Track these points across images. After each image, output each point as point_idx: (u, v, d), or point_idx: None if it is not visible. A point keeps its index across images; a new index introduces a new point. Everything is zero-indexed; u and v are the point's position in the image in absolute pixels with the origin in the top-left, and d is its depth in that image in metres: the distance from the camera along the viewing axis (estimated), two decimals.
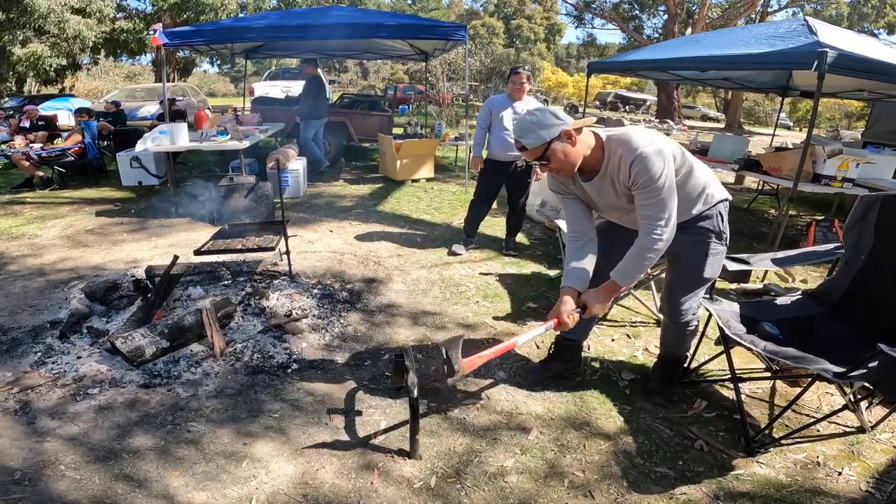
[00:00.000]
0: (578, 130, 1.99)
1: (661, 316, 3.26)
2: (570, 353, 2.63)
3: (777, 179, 5.12)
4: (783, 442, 2.23)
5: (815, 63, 3.70)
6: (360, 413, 2.36)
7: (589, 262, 2.22)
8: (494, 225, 5.27)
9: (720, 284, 3.50)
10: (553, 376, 2.64)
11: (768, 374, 2.61)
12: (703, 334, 2.69)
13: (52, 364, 2.61)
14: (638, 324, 3.33)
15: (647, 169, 1.90)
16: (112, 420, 2.24)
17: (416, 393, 2.05)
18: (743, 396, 2.39)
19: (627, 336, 3.16)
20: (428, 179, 7.60)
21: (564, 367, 2.64)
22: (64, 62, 14.17)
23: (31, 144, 7.06)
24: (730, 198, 2.24)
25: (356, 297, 3.54)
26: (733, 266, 2.48)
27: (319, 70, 8.24)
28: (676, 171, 2.01)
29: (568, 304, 2.15)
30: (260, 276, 3.73)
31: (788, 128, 27.48)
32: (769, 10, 22.51)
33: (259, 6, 16.13)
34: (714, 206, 2.18)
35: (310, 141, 7.42)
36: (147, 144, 5.26)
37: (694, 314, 2.35)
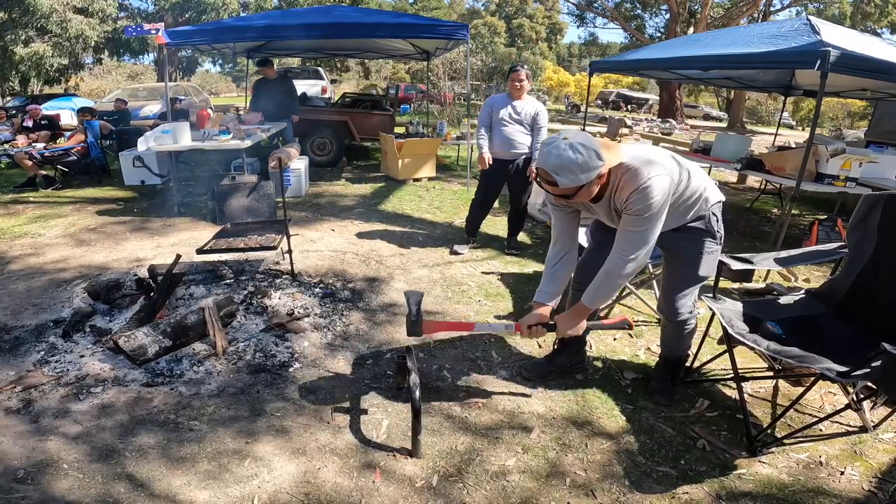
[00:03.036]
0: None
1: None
2: (574, 347, 2.64)
3: (780, 179, 5.10)
4: (786, 441, 2.22)
5: (818, 62, 3.68)
6: (361, 412, 2.36)
7: (563, 279, 2.26)
8: (496, 224, 5.27)
9: (723, 283, 3.50)
10: (559, 371, 2.65)
11: (771, 374, 2.61)
12: (705, 333, 2.69)
13: (55, 363, 2.62)
14: (640, 323, 3.33)
15: (644, 200, 1.90)
16: (114, 419, 2.25)
17: (418, 393, 2.05)
18: (745, 396, 2.38)
19: (629, 335, 3.16)
20: (429, 179, 7.59)
21: (570, 362, 2.66)
22: (66, 62, 14.21)
23: (33, 144, 7.08)
24: (723, 199, 2.25)
25: (358, 297, 3.54)
26: (737, 265, 2.47)
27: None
28: (675, 189, 2.01)
29: (536, 318, 2.18)
30: (262, 275, 3.73)
31: (791, 127, 27.39)
32: (772, 9, 22.46)
33: (260, 6, 16.17)
34: (708, 208, 2.19)
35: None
36: (149, 143, 5.27)
37: (690, 312, 2.34)
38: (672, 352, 2.51)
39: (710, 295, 2.51)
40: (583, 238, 3.49)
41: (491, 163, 4.37)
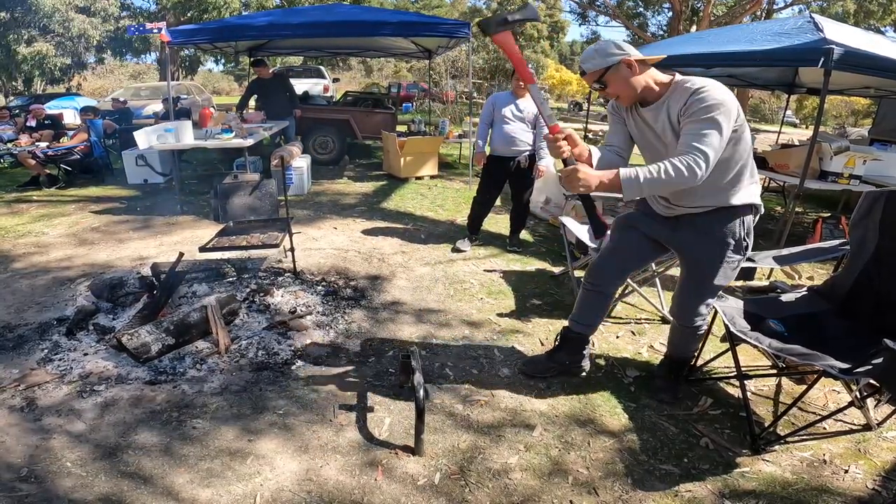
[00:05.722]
0: (643, 63, 2.03)
1: (665, 313, 3.25)
2: (575, 345, 2.60)
3: (783, 177, 5.08)
4: (789, 440, 2.21)
5: (822, 60, 3.67)
6: (364, 410, 2.36)
7: (610, 162, 2.15)
8: (498, 222, 5.27)
9: None
10: (558, 368, 2.63)
11: (774, 372, 2.61)
12: (708, 331, 2.68)
13: (59, 361, 2.62)
14: (643, 321, 3.32)
15: (706, 100, 1.86)
16: (117, 417, 2.25)
17: (422, 392, 2.05)
18: (748, 394, 2.38)
19: (632, 333, 3.15)
20: (431, 177, 7.59)
21: (569, 360, 2.62)
22: (68, 61, 14.26)
23: (36, 143, 7.09)
24: (761, 209, 2.14)
25: (360, 294, 3.54)
26: None
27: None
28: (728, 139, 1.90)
29: (576, 147, 2.03)
30: (264, 273, 3.73)
31: (795, 125, 27.27)
32: (775, 7, 22.35)
33: (262, 4, 16.17)
34: (741, 207, 2.07)
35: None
36: (150, 142, 5.28)
37: (704, 319, 2.34)
38: (680, 353, 2.50)
39: None
40: (585, 237, 3.49)
41: (485, 161, 4.37)
